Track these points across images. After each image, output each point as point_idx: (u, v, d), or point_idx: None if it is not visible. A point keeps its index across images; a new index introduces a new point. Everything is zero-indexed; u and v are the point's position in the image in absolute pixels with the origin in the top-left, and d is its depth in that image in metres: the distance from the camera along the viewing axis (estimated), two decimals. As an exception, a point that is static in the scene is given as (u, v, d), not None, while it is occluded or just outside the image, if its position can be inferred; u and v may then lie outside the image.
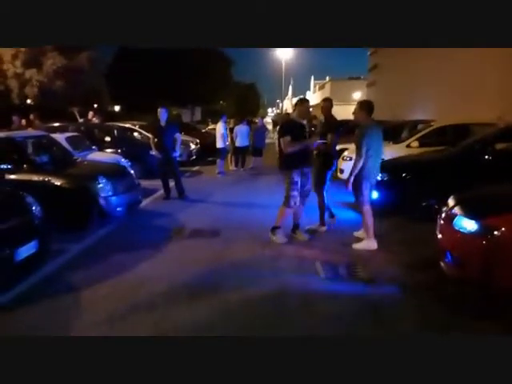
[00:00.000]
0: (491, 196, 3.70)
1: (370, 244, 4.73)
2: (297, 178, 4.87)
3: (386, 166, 6.43)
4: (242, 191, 8.70)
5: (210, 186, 9.33)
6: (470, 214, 3.33)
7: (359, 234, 5.10)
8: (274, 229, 5.02)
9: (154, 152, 7.66)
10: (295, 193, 4.87)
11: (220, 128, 11.53)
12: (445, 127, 8.49)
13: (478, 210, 3.34)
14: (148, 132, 9.41)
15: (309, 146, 4.94)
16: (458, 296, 3.50)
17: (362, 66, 28.13)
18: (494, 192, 3.77)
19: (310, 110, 5.33)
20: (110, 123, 12.61)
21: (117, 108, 30.38)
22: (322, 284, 3.78)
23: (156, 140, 7.61)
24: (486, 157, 5.67)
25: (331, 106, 5.58)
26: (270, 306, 3.36)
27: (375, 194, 6.33)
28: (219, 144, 11.43)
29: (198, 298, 3.51)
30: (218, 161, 11.40)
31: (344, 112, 14.45)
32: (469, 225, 3.26)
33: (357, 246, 4.76)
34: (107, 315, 3.21)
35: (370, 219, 4.77)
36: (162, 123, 7.54)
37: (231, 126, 12.70)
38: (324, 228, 5.46)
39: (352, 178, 4.72)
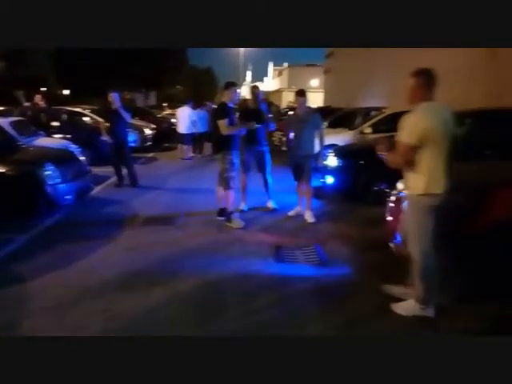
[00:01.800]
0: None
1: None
2: (235, 160, 5.02)
3: (340, 152, 6.60)
4: (197, 177, 8.60)
5: (166, 172, 9.15)
6: (416, 197, 3.47)
7: (292, 213, 5.41)
8: (228, 215, 5.05)
9: (105, 137, 7.39)
10: (233, 174, 5.03)
11: (185, 113, 11.30)
12: (396, 113, 8.76)
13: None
14: (99, 117, 9.04)
15: (242, 130, 5.12)
16: (405, 274, 3.66)
17: (320, 52, 28.35)
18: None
19: (239, 93, 5.60)
20: (59, 107, 12.00)
21: (66, 92, 28.88)
22: (275, 268, 3.83)
23: (107, 125, 7.34)
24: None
25: (256, 94, 5.69)
26: (224, 291, 3.37)
27: (330, 179, 6.50)
28: (182, 129, 11.22)
29: (151, 284, 3.46)
30: (185, 147, 11.22)
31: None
32: (415, 207, 3.40)
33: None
34: (57, 302, 3.13)
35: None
36: (114, 107, 7.27)
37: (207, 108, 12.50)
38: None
39: None
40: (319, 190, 6.61)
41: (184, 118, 11.24)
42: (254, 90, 5.83)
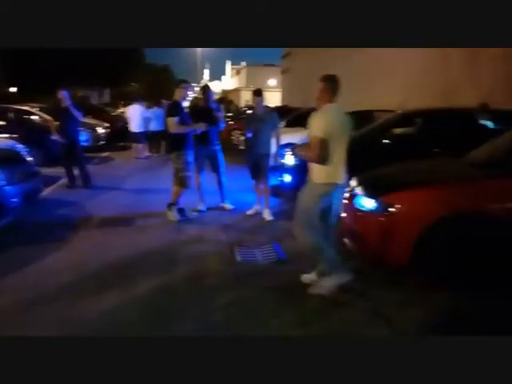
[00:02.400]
0: (387, 176, 4.03)
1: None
2: (189, 159, 5.03)
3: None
4: (154, 177, 8.41)
5: (121, 172, 8.89)
6: (369, 193, 3.59)
7: (250, 212, 5.44)
8: (170, 205, 5.14)
9: (55, 137, 7.06)
10: (189, 173, 5.08)
11: (136, 111, 11.02)
12: (351, 113, 8.99)
13: (376, 189, 3.61)
14: (48, 115, 8.63)
15: (193, 130, 5.11)
16: (359, 267, 3.76)
17: (278, 52, 28.59)
18: (390, 172, 4.10)
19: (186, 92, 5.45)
20: (5, 105, 11.33)
21: (13, 89, 27.32)
22: (234, 267, 3.82)
23: (57, 124, 7.01)
24: (386, 140, 6.16)
25: (207, 93, 5.64)
26: (183, 292, 3.33)
27: (287, 178, 6.57)
28: (134, 128, 10.95)
29: (107, 288, 3.36)
30: (139, 146, 10.95)
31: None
32: (368, 203, 3.52)
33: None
34: (11, 307, 3.02)
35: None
36: (64, 105, 6.95)
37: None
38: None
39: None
40: (277, 188, 6.67)
41: (135, 117, 10.99)
42: (205, 89, 5.77)
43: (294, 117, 11.51)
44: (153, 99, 13.02)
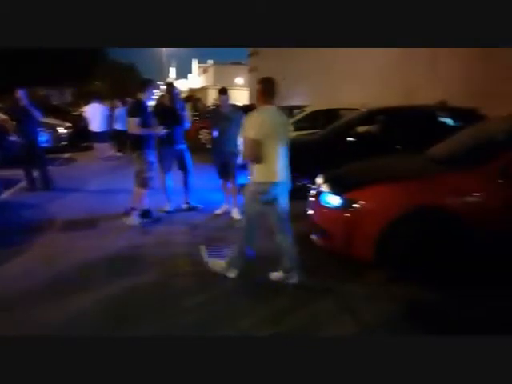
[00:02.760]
0: (352, 173, 4.11)
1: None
2: (151, 159, 4.93)
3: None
4: (119, 178, 8.21)
5: (85, 173, 8.64)
6: (334, 191, 3.65)
7: (219, 211, 5.43)
8: (130, 210, 4.98)
9: (13, 137, 6.77)
10: (151, 174, 4.96)
11: (95, 110, 10.72)
12: (316, 112, 9.16)
13: (341, 186, 3.67)
14: (6, 115, 8.24)
15: (153, 133, 4.97)
16: (327, 265, 3.82)
17: (244, 50, 28.55)
18: (354, 169, 4.19)
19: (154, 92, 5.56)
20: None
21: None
22: (205, 267, 3.79)
23: (16, 124, 6.72)
24: (351, 138, 6.28)
25: (172, 91, 5.56)
26: (151, 294, 3.27)
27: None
28: (96, 127, 10.66)
29: (67, 294, 3.26)
30: (102, 146, 10.66)
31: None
32: (334, 200, 3.57)
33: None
34: None
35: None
36: (22, 105, 6.67)
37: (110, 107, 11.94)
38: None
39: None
40: (245, 187, 6.67)
41: (95, 116, 10.71)
42: (169, 87, 5.67)
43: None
44: (117, 98, 12.72)
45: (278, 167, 3.24)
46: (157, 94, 8.27)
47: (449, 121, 6.15)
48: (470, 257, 3.30)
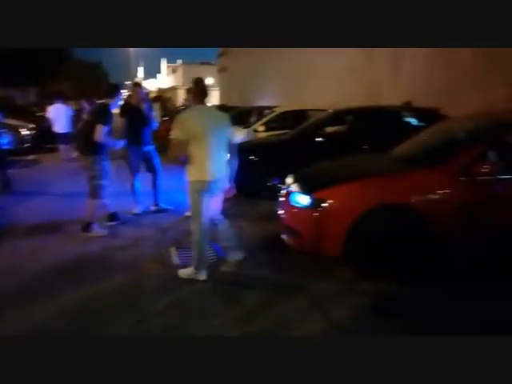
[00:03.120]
0: (320, 173, 4.17)
1: None
2: (105, 165, 4.59)
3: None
4: (84, 180, 7.99)
5: (48, 176, 8.37)
6: (303, 190, 3.69)
7: (189, 213, 5.26)
8: (86, 226, 4.61)
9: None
10: (104, 182, 4.61)
11: (58, 111, 10.40)
12: (286, 112, 9.24)
13: (309, 186, 3.72)
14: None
15: (113, 143, 4.72)
16: (297, 263, 3.85)
17: (214, 50, 28.49)
18: (323, 169, 4.26)
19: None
20: None
21: None
22: (175, 270, 3.75)
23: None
24: (319, 139, 6.37)
25: (138, 91, 5.41)
26: (118, 298, 3.21)
27: (226, 177, 6.57)
28: (59, 128, 10.34)
29: (30, 301, 3.15)
30: (63, 147, 10.34)
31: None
32: (303, 199, 3.61)
33: None
34: None
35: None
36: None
37: (76, 108, 11.62)
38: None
39: None
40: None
41: (59, 117, 10.41)
42: (136, 87, 5.55)
43: (232, 116, 11.52)
44: (84, 98, 12.38)
45: (209, 166, 3.27)
46: (124, 93, 8.12)
47: (413, 121, 6.35)
48: (434, 253, 3.41)
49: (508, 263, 3.44)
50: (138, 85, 5.68)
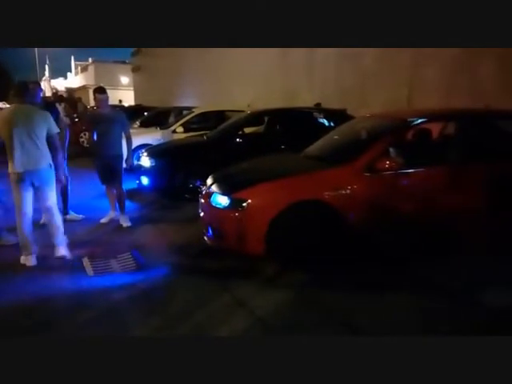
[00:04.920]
0: (238, 173, 4.24)
1: None
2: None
3: (154, 152, 6.55)
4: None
5: None
6: (222, 191, 3.73)
7: (105, 219, 5.14)
8: None
9: None
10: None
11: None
12: (205, 113, 9.21)
13: (229, 187, 3.76)
14: None
15: None
16: (220, 263, 3.86)
17: (127, 49, 27.33)
18: (241, 169, 4.33)
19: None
20: None
21: None
22: (91, 281, 3.55)
23: None
24: (238, 139, 6.46)
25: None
26: (33, 317, 2.95)
27: (145, 180, 6.37)
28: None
29: None
30: None
31: (112, 96, 13.81)
32: (223, 200, 3.64)
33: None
34: None
35: None
36: None
37: None
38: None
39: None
40: (135, 192, 6.41)
41: None
42: (31, 85, 5.09)
43: (149, 116, 11.21)
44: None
45: (15, 158, 3.65)
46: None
47: (324, 121, 6.73)
48: (348, 243, 3.65)
49: (413, 247, 3.77)
50: (33, 83, 5.17)
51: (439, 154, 4.02)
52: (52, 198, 3.88)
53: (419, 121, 4.03)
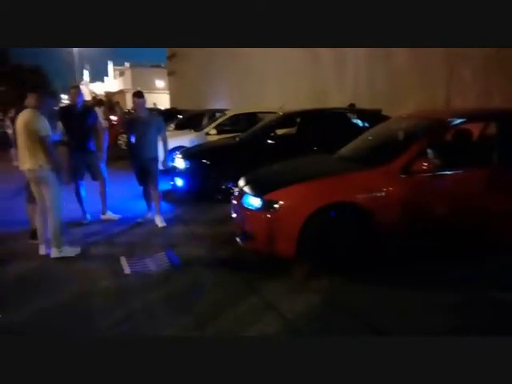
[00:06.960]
0: (271, 174, 4.25)
1: None
2: None
3: (188, 154, 6.67)
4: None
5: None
6: (255, 192, 3.74)
7: (142, 219, 5.27)
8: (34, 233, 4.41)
9: None
10: None
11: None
12: (237, 115, 9.30)
13: (261, 188, 3.77)
14: None
15: None
16: (253, 265, 3.89)
17: (163, 53, 27.84)
18: (273, 171, 4.34)
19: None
20: None
21: None
22: (128, 280, 3.67)
23: None
24: (270, 141, 6.47)
25: (76, 95, 5.16)
26: (67, 313, 3.10)
27: (179, 181, 6.50)
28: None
29: None
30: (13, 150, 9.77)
31: (147, 100, 14.15)
32: (255, 201, 3.66)
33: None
34: None
35: None
36: None
37: (12, 114, 10.93)
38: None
39: None
40: (169, 193, 6.55)
41: None
42: (72, 89, 5.29)
43: (184, 119, 11.41)
44: (21, 104, 11.70)
45: (21, 157, 4.05)
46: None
47: (358, 122, 6.62)
48: (382, 247, 3.58)
49: (449, 251, 3.66)
50: (74, 87, 5.42)
51: (479, 155, 3.87)
52: (50, 198, 4.03)
53: (458, 121, 3.90)
